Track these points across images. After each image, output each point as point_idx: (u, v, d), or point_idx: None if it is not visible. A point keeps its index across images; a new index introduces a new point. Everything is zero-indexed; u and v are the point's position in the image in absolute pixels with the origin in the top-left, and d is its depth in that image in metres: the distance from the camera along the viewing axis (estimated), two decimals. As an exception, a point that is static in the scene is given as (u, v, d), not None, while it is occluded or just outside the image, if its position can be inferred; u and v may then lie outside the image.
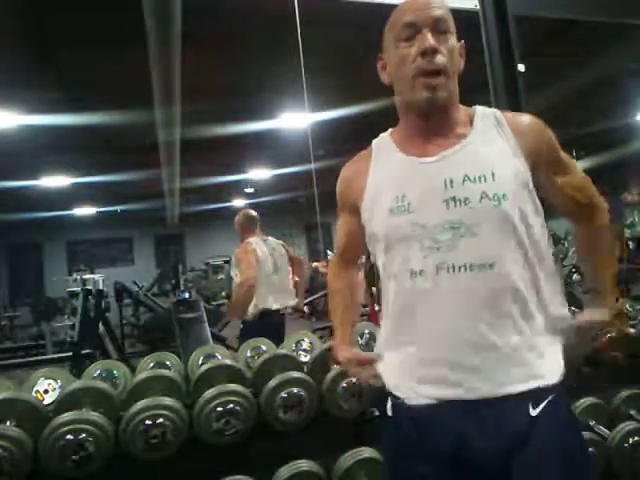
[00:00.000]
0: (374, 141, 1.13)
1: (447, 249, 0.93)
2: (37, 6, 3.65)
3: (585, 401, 1.79)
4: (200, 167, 7.85)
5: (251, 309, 3.18)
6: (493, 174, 0.94)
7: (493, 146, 0.98)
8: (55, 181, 8.52)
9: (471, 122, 1.02)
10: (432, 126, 1.01)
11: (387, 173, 1.04)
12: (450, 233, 0.93)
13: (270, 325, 3.13)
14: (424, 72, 0.94)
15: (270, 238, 3.60)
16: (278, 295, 3.36)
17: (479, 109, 1.04)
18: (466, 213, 0.93)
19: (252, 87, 5.38)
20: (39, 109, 5.10)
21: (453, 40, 0.99)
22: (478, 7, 2.57)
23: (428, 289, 0.94)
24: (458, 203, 0.93)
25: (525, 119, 1.03)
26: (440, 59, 0.94)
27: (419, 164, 1.00)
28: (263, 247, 3.41)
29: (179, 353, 3.38)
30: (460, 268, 0.92)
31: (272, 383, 1.63)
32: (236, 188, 10.57)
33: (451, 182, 0.95)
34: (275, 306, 3.28)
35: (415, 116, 1.02)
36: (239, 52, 4.62)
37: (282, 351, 1.88)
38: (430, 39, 0.94)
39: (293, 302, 3.48)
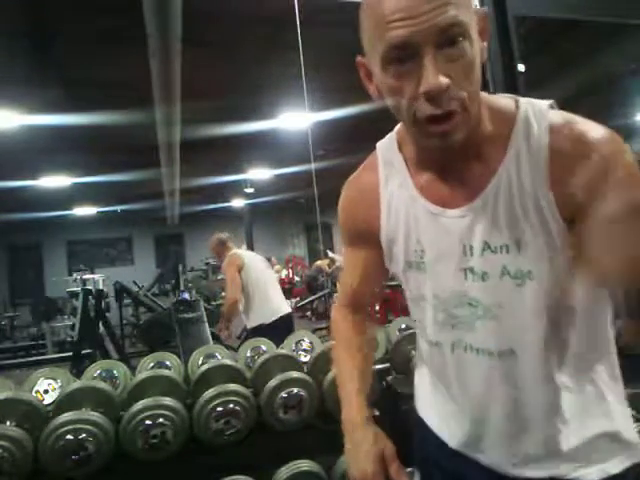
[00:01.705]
0: (379, 150, 0.86)
1: (464, 328, 0.78)
2: (38, 5, 3.66)
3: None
4: (200, 167, 7.86)
5: (269, 315, 3.28)
6: (518, 243, 0.71)
7: (524, 196, 0.70)
8: (55, 181, 8.53)
9: (506, 144, 0.71)
10: (451, 164, 0.75)
11: (402, 210, 0.81)
12: (467, 310, 0.77)
13: (284, 326, 3.25)
14: (431, 118, 0.64)
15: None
16: (281, 297, 3.53)
17: (522, 120, 0.71)
18: (485, 291, 0.74)
19: (252, 87, 5.38)
20: (39, 109, 5.10)
21: (469, 42, 0.63)
22: (478, 7, 2.57)
23: (447, 362, 0.81)
24: (476, 277, 0.74)
25: (577, 145, 0.67)
26: (452, 96, 0.63)
27: (438, 216, 0.77)
28: (246, 254, 3.60)
29: (179, 353, 3.38)
30: (478, 351, 0.77)
31: (272, 383, 1.63)
32: (236, 188, 10.58)
33: (470, 249, 0.74)
34: (285, 309, 3.42)
35: (428, 152, 0.76)
36: (239, 52, 4.62)
37: (282, 351, 1.89)
38: (433, 75, 0.61)
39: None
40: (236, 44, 4.43)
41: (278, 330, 2.98)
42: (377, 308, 6.29)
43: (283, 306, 3.45)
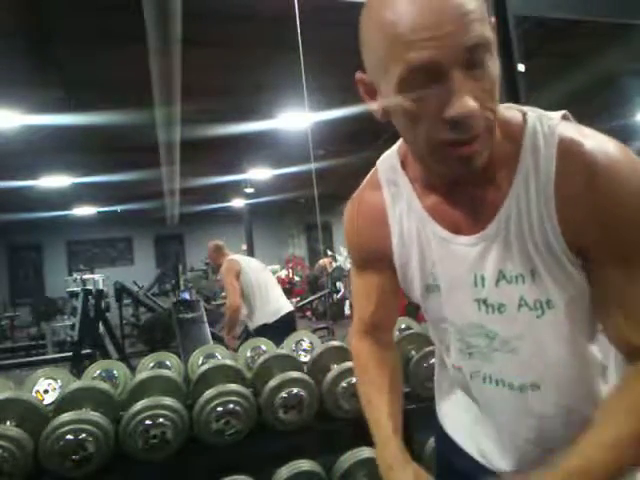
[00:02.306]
0: (381, 169, 0.80)
1: (481, 358, 0.74)
2: (37, 5, 3.65)
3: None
4: (200, 167, 7.86)
5: (272, 315, 3.32)
6: (533, 273, 0.66)
7: (532, 227, 0.65)
8: (55, 181, 8.52)
9: (515, 166, 0.66)
10: (461, 187, 0.69)
11: (414, 231, 0.76)
12: (484, 341, 0.73)
13: (286, 325, 3.29)
14: (456, 142, 0.59)
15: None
16: (282, 296, 3.56)
17: (530, 137, 0.65)
18: (502, 323, 0.70)
19: (252, 87, 5.38)
20: (39, 109, 5.11)
21: (492, 59, 0.58)
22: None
23: (470, 387, 0.79)
24: (491, 309, 0.70)
25: (587, 174, 0.61)
26: (479, 120, 0.58)
27: (448, 242, 0.72)
28: (242, 259, 3.59)
29: (179, 353, 3.39)
30: (497, 382, 0.74)
31: (272, 383, 1.63)
32: (236, 188, 10.58)
33: (482, 280, 0.70)
34: (287, 308, 3.45)
35: (440, 178, 0.71)
36: (239, 52, 4.62)
37: (282, 351, 1.89)
38: (464, 100, 0.56)
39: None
40: (236, 44, 4.44)
41: (281, 329, 3.01)
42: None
43: (285, 305, 3.48)
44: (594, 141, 0.63)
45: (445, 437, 0.89)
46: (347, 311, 8.63)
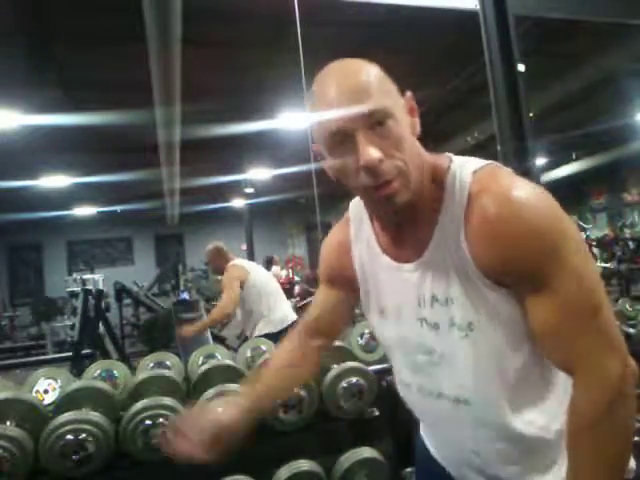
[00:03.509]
0: (351, 208, 0.97)
1: (424, 375, 0.87)
2: (37, 4, 3.65)
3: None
4: (200, 167, 7.86)
5: (277, 324, 3.28)
6: (458, 297, 0.78)
7: (452, 259, 0.78)
8: (55, 181, 8.52)
9: (440, 207, 0.79)
10: (403, 225, 0.83)
11: (369, 265, 0.91)
12: (425, 357, 0.85)
13: None
14: (374, 186, 0.74)
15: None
16: (287, 306, 3.55)
17: (449, 185, 0.79)
18: (437, 340, 0.82)
19: (252, 87, 5.38)
20: (39, 109, 5.10)
21: (394, 121, 0.74)
22: (478, 7, 2.57)
23: (417, 402, 0.92)
24: (429, 327, 0.83)
25: (485, 225, 0.74)
26: (387, 167, 0.73)
27: (397, 270, 0.86)
28: (249, 265, 3.52)
29: (179, 353, 3.38)
30: (438, 395, 0.85)
31: (272, 383, 1.63)
32: (236, 188, 10.57)
33: (423, 300, 0.82)
34: (290, 316, 3.41)
35: (383, 219, 0.87)
36: (239, 52, 4.62)
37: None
38: (367, 151, 0.72)
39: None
40: (236, 44, 4.43)
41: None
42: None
43: (290, 314, 3.44)
44: (501, 188, 0.74)
45: (420, 441, 1.03)
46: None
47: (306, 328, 1.07)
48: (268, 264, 9.82)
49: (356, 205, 0.95)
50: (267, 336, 3.17)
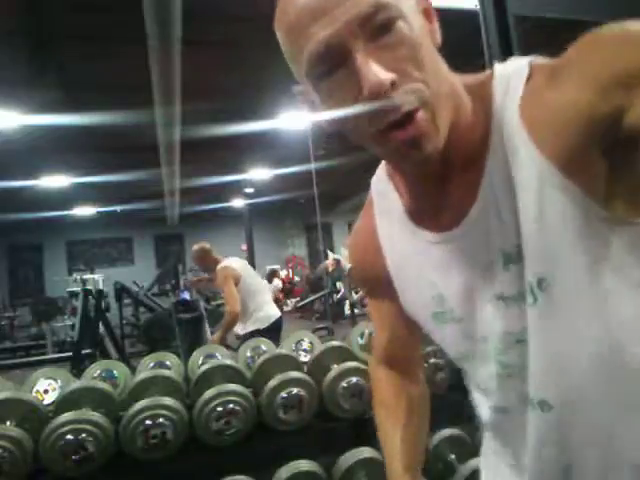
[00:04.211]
0: (373, 185, 0.72)
1: (520, 377, 0.57)
2: (38, 5, 3.65)
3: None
4: (200, 167, 7.86)
5: (264, 321, 3.37)
6: (528, 238, 0.53)
7: (523, 180, 0.52)
8: (55, 181, 8.53)
9: (488, 131, 0.55)
10: (438, 177, 0.58)
11: (406, 256, 0.66)
12: (516, 351, 0.57)
13: (276, 328, 3.41)
14: (388, 128, 0.50)
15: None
16: (272, 302, 3.65)
17: (498, 100, 0.54)
18: (525, 316, 0.55)
19: (252, 87, 5.38)
20: (39, 109, 5.10)
21: (406, 23, 0.50)
22: (478, 7, 2.57)
23: (518, 431, 0.60)
24: (511, 302, 0.56)
25: (552, 97, 0.49)
26: (404, 92, 0.49)
27: (441, 244, 0.61)
28: (238, 264, 3.54)
29: (179, 353, 3.39)
30: (543, 407, 0.56)
31: (272, 383, 1.63)
32: (236, 188, 10.58)
33: (491, 267, 0.57)
34: (277, 313, 3.52)
35: (410, 176, 0.63)
36: (239, 52, 4.62)
37: (282, 351, 1.89)
38: (370, 71, 0.47)
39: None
40: (235, 44, 4.43)
41: (271, 333, 3.13)
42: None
43: (275, 311, 3.55)
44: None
45: None
46: (347, 311, 8.63)
47: (385, 361, 0.84)
48: (270, 277, 9.84)
49: (378, 179, 0.70)
50: (256, 332, 3.23)
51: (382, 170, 0.70)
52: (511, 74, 0.54)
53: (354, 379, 1.66)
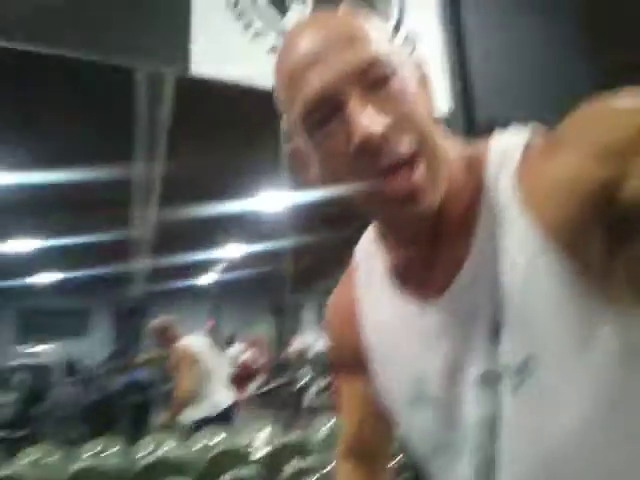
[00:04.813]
0: (357, 250, 0.68)
1: (502, 470, 0.52)
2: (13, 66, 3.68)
3: None
4: (171, 243, 7.74)
5: (215, 407, 3.14)
6: (512, 319, 0.51)
7: (513, 252, 0.50)
8: (14, 246, 8.24)
9: (479, 201, 0.53)
10: (428, 245, 0.56)
11: (387, 329, 0.61)
12: (498, 441, 0.52)
13: (227, 416, 3.15)
14: (381, 178, 0.49)
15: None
16: (227, 387, 3.48)
17: (492, 170, 0.53)
18: (507, 401, 0.52)
19: (230, 168, 5.47)
20: (7, 167, 4.98)
21: (402, 81, 0.50)
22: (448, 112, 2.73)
23: None
24: (495, 383, 0.52)
25: (552, 135, 0.51)
26: (398, 141, 0.48)
27: (423, 314, 0.57)
28: (195, 343, 3.43)
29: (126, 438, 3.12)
30: None
31: (223, 481, 1.48)
32: (205, 264, 10.43)
33: (477, 340, 0.53)
34: (229, 400, 3.31)
35: (401, 236, 0.59)
36: (221, 137, 4.73)
37: (234, 446, 1.74)
38: (364, 119, 0.47)
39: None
40: (218, 131, 4.56)
41: (222, 420, 2.91)
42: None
43: (229, 397, 3.35)
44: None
45: None
46: (307, 402, 8.16)
47: (350, 454, 0.75)
48: (228, 344, 9.45)
49: (364, 242, 0.67)
50: (205, 420, 2.98)
51: (369, 234, 0.66)
52: (507, 145, 0.54)
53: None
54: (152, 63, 2.05)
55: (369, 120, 0.46)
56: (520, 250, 0.49)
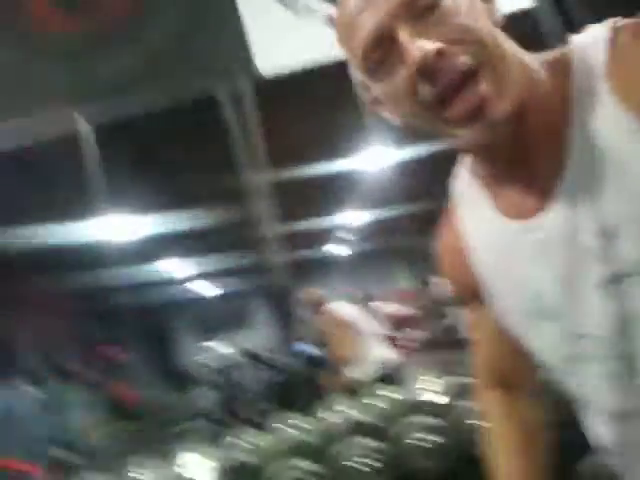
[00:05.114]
0: (452, 189, 0.69)
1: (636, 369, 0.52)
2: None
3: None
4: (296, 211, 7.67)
5: (371, 367, 3.22)
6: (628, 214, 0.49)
7: (615, 148, 0.49)
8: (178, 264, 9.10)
9: (570, 104, 0.51)
10: (521, 162, 0.54)
11: (495, 252, 0.61)
12: (630, 340, 0.51)
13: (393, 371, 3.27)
14: (444, 97, 0.48)
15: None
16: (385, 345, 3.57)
17: (580, 70, 0.52)
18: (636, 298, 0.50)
19: (331, 142, 5.35)
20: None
21: (454, 1, 0.50)
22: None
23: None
24: (616, 285, 0.50)
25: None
26: (455, 57, 0.47)
27: (533, 231, 0.55)
28: (344, 309, 3.52)
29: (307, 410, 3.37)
30: None
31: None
32: (328, 233, 10.51)
33: (589, 248, 0.51)
34: (390, 356, 3.42)
35: (490, 159, 0.58)
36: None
37: (418, 397, 1.76)
38: (415, 45, 0.48)
39: None
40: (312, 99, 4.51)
41: (387, 378, 2.97)
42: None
43: (389, 354, 3.43)
44: None
45: None
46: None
47: (491, 384, 0.75)
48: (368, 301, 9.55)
49: (458, 176, 0.67)
50: (371, 381, 3.06)
51: (460, 172, 0.66)
52: (590, 42, 0.52)
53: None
54: (226, 79, 2.15)
55: (420, 44, 0.47)
56: (621, 144, 0.48)
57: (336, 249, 12.19)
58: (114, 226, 4.23)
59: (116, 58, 1.95)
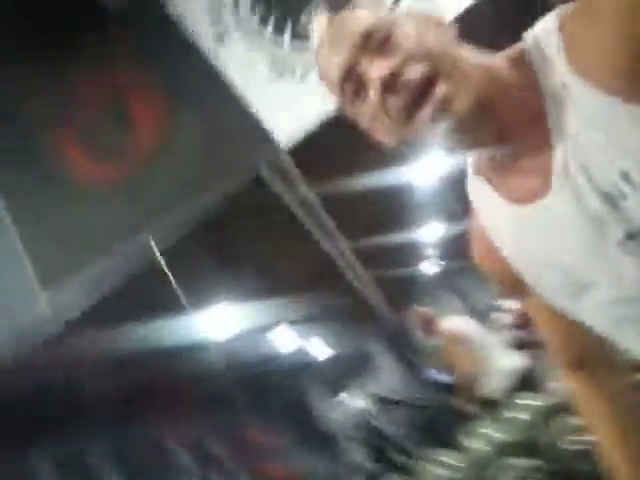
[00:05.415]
0: (468, 192, 0.73)
1: None
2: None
3: None
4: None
5: (501, 377, 3.09)
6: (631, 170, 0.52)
7: (592, 121, 0.54)
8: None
9: (541, 93, 0.59)
10: (513, 155, 0.62)
11: (518, 241, 0.65)
12: None
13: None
14: (411, 103, 0.57)
15: None
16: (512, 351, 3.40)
17: (538, 60, 0.59)
18: None
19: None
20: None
21: (403, 29, 0.59)
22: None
23: None
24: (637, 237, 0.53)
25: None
26: (414, 67, 0.56)
27: (543, 211, 0.59)
28: (458, 323, 3.41)
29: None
30: None
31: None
32: (412, 250, 10.07)
33: (599, 213, 0.54)
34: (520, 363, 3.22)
35: (487, 155, 0.66)
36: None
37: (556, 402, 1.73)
38: (374, 67, 0.57)
39: None
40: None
41: (526, 385, 2.89)
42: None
43: (518, 360, 3.23)
44: None
45: None
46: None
47: (573, 369, 0.75)
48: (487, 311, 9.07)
49: (469, 180, 0.72)
50: (507, 392, 2.89)
51: (469, 173, 0.72)
52: (542, 33, 0.58)
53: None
54: (264, 156, 2.24)
55: (378, 69, 0.57)
56: (593, 115, 0.53)
57: (426, 267, 11.85)
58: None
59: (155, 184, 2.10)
